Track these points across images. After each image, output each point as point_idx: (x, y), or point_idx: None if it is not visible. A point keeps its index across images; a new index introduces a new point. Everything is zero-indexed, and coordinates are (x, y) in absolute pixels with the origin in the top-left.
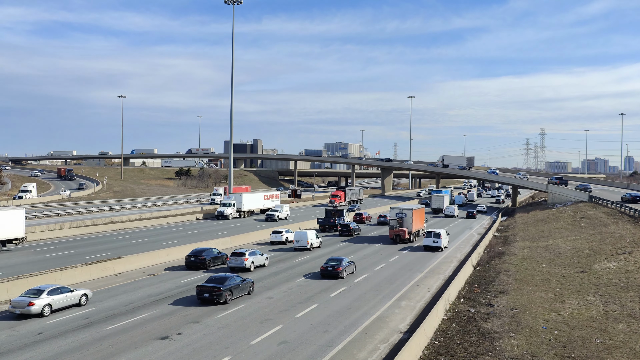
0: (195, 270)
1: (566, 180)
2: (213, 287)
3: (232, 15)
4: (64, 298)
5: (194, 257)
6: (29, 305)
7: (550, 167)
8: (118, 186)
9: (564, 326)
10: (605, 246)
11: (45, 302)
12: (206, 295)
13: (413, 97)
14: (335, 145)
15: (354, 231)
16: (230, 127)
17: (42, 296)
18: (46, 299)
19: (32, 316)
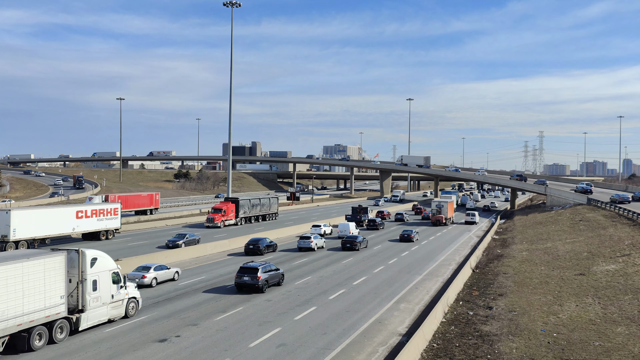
0: (252, 256)
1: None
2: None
3: (231, 18)
4: (164, 273)
5: (252, 245)
6: (142, 277)
7: (549, 170)
8: (117, 188)
9: (562, 329)
10: (604, 249)
11: (153, 276)
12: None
13: (412, 99)
14: (334, 147)
15: (379, 225)
16: (229, 129)
17: (150, 271)
18: (153, 274)
19: (144, 286)
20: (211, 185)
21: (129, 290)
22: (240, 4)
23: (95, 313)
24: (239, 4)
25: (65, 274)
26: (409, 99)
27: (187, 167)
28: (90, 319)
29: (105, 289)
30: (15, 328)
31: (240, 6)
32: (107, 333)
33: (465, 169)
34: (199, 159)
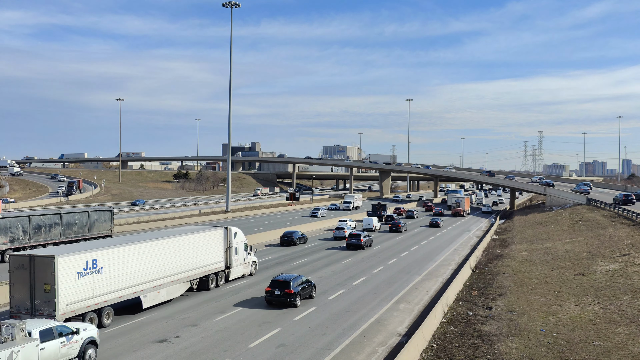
0: (287, 247)
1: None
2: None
3: (230, 19)
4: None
5: (287, 237)
6: None
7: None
8: (116, 189)
9: (562, 329)
10: (604, 249)
11: None
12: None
13: (411, 100)
14: (333, 148)
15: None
16: (229, 130)
17: None
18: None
19: None
20: (211, 186)
21: (252, 257)
22: (239, 5)
23: (236, 269)
24: (238, 5)
25: (224, 242)
26: (408, 100)
27: (186, 167)
28: (234, 273)
29: (241, 254)
30: (203, 274)
31: (239, 7)
32: (243, 284)
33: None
34: (199, 159)
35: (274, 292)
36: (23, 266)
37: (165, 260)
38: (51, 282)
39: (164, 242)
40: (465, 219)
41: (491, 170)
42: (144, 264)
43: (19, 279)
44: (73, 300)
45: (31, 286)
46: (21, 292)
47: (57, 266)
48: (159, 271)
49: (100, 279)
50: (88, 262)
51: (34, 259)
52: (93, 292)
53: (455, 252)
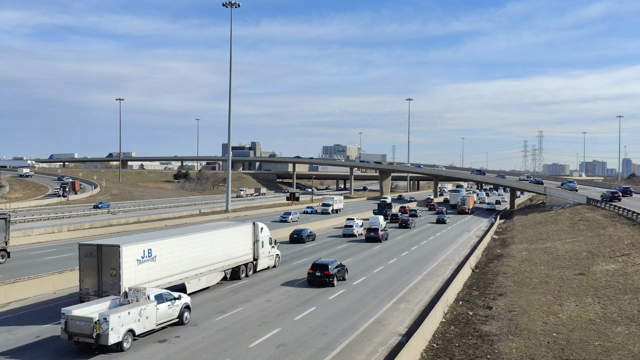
0: (296, 244)
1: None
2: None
3: (230, 19)
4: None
5: (296, 234)
6: None
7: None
8: (116, 189)
9: (562, 329)
10: (604, 248)
11: None
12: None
13: (411, 99)
14: (333, 147)
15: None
16: (229, 130)
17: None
18: None
19: None
20: (211, 186)
21: (276, 250)
22: (239, 5)
23: (262, 261)
24: (238, 5)
25: (252, 236)
26: (408, 99)
27: (186, 167)
28: (261, 265)
29: (266, 247)
30: (235, 264)
31: (239, 6)
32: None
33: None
34: (199, 159)
35: (315, 273)
36: (91, 254)
37: (204, 251)
38: (116, 267)
39: (203, 235)
40: (470, 216)
41: (481, 168)
42: (188, 254)
43: (87, 265)
44: (134, 284)
45: (98, 271)
46: (89, 277)
47: (121, 254)
48: (200, 261)
49: (154, 266)
50: (145, 251)
51: (102, 248)
52: (148, 277)
53: (455, 251)
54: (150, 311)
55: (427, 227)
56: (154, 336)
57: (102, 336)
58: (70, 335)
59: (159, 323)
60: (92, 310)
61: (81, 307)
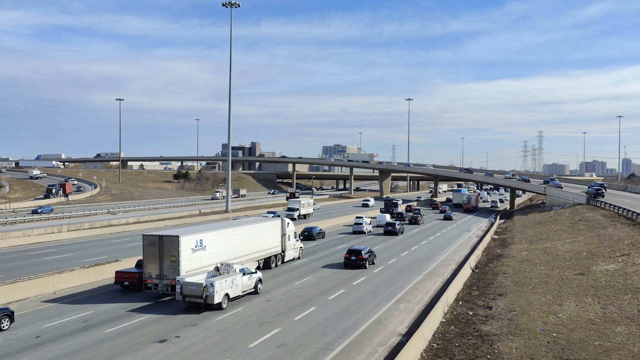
0: (307, 241)
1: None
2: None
3: (230, 19)
4: None
5: (307, 232)
6: None
7: (548, 170)
8: (116, 189)
9: (562, 328)
10: (603, 248)
11: None
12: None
13: (411, 99)
14: (333, 147)
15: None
16: (229, 130)
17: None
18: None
19: None
20: (210, 186)
21: (300, 243)
22: (239, 5)
23: (289, 253)
24: (238, 5)
25: (280, 230)
26: (408, 99)
27: (186, 167)
28: (287, 256)
29: (292, 240)
30: (267, 255)
31: (239, 6)
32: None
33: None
34: (198, 159)
35: (350, 257)
36: (154, 243)
37: (244, 242)
38: (176, 255)
39: (243, 229)
40: (471, 215)
41: (469, 168)
42: (231, 244)
43: (150, 253)
44: (189, 269)
45: (160, 258)
46: (152, 263)
47: (180, 243)
48: (240, 251)
49: (204, 254)
50: (197, 241)
51: (163, 238)
52: (200, 264)
53: (455, 251)
54: (238, 281)
55: (436, 224)
56: (153, 336)
57: (209, 297)
58: (184, 296)
59: (243, 290)
60: (196, 279)
61: (188, 277)
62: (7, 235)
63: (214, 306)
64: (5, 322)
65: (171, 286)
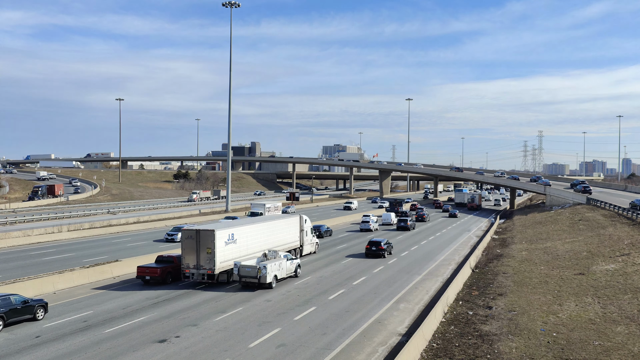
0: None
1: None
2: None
3: (230, 19)
4: None
5: (316, 229)
6: None
7: (548, 169)
8: (116, 189)
9: (562, 328)
10: (603, 248)
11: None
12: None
13: (411, 99)
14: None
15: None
16: (229, 130)
17: None
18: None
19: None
20: (210, 186)
21: (315, 239)
22: (239, 5)
23: (306, 247)
24: (238, 5)
25: (299, 226)
26: (408, 99)
27: (186, 167)
28: (305, 250)
29: (309, 236)
30: (287, 249)
31: (239, 6)
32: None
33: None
34: (198, 159)
35: (371, 248)
36: (191, 237)
37: (268, 237)
38: (211, 247)
39: (267, 224)
40: (477, 211)
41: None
42: (257, 238)
43: (188, 246)
44: (222, 260)
45: (197, 250)
46: (190, 254)
47: (215, 237)
48: (264, 244)
49: (235, 247)
50: (229, 235)
51: (200, 232)
52: (232, 255)
53: (455, 251)
54: (284, 265)
55: (441, 220)
56: (153, 336)
57: (262, 277)
58: (241, 277)
59: (287, 273)
60: (250, 262)
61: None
62: (7, 235)
63: (266, 285)
64: (40, 312)
65: (208, 275)
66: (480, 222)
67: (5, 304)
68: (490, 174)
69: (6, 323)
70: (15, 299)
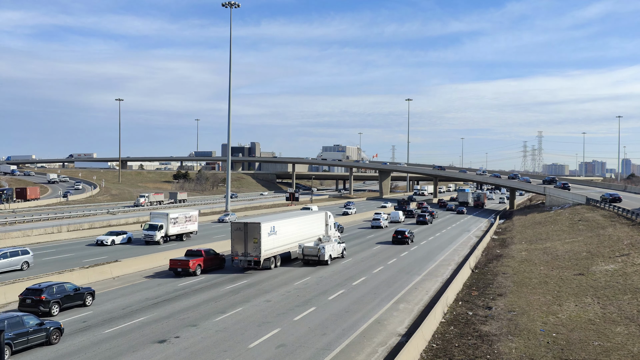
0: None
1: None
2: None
3: (229, 19)
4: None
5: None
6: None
7: (548, 170)
8: (116, 189)
9: (562, 329)
10: (603, 249)
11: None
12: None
13: (410, 100)
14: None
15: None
16: (228, 130)
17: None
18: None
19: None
20: (210, 186)
21: (337, 232)
22: (238, 5)
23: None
24: (238, 5)
25: (324, 221)
26: (407, 100)
27: (186, 167)
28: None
29: (332, 229)
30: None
31: (239, 7)
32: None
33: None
34: (198, 159)
35: (397, 236)
36: (240, 228)
37: (300, 229)
38: (258, 237)
39: (300, 219)
40: (480, 210)
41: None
42: (293, 230)
43: (237, 236)
44: (266, 249)
45: (245, 240)
46: (238, 244)
47: (261, 228)
48: (298, 236)
49: (275, 238)
50: (271, 227)
51: (247, 225)
52: (273, 245)
53: (454, 252)
54: (335, 247)
55: (450, 217)
56: (153, 336)
57: (321, 255)
58: (304, 255)
59: (337, 254)
60: (311, 244)
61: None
62: (6, 236)
63: (324, 262)
64: (89, 299)
65: (254, 261)
66: (479, 223)
67: (60, 290)
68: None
69: (61, 308)
70: (69, 287)
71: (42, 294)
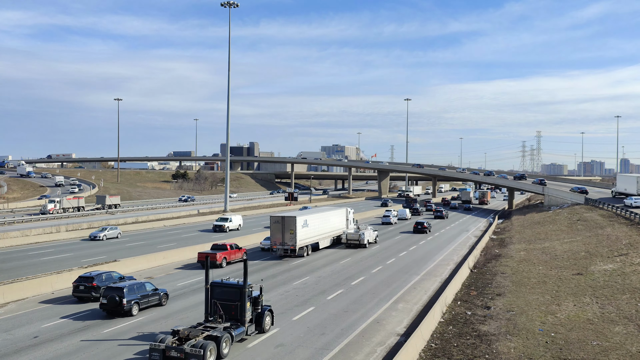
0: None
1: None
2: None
3: (229, 19)
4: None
5: None
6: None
7: (547, 170)
8: (114, 189)
9: (560, 328)
10: (602, 248)
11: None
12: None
13: (409, 100)
14: (332, 148)
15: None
16: (227, 130)
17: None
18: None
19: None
20: (209, 186)
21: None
22: (237, 5)
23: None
24: (237, 5)
25: (345, 216)
26: (406, 100)
27: (184, 167)
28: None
29: (351, 225)
30: (337, 234)
31: (237, 6)
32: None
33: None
34: (197, 159)
35: (417, 227)
36: (278, 221)
37: (327, 223)
38: (294, 229)
39: (326, 214)
40: (487, 205)
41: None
42: (321, 224)
43: (275, 228)
44: (300, 239)
45: (282, 231)
46: (276, 235)
47: (296, 221)
48: (324, 229)
49: (308, 230)
50: (304, 220)
51: (284, 218)
52: (306, 236)
53: (453, 252)
54: (371, 233)
55: (456, 214)
56: (152, 336)
57: (361, 240)
58: (348, 240)
59: (372, 240)
60: (353, 231)
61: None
62: (5, 235)
63: (363, 245)
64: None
65: (290, 250)
66: (478, 222)
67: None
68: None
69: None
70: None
71: (93, 281)
